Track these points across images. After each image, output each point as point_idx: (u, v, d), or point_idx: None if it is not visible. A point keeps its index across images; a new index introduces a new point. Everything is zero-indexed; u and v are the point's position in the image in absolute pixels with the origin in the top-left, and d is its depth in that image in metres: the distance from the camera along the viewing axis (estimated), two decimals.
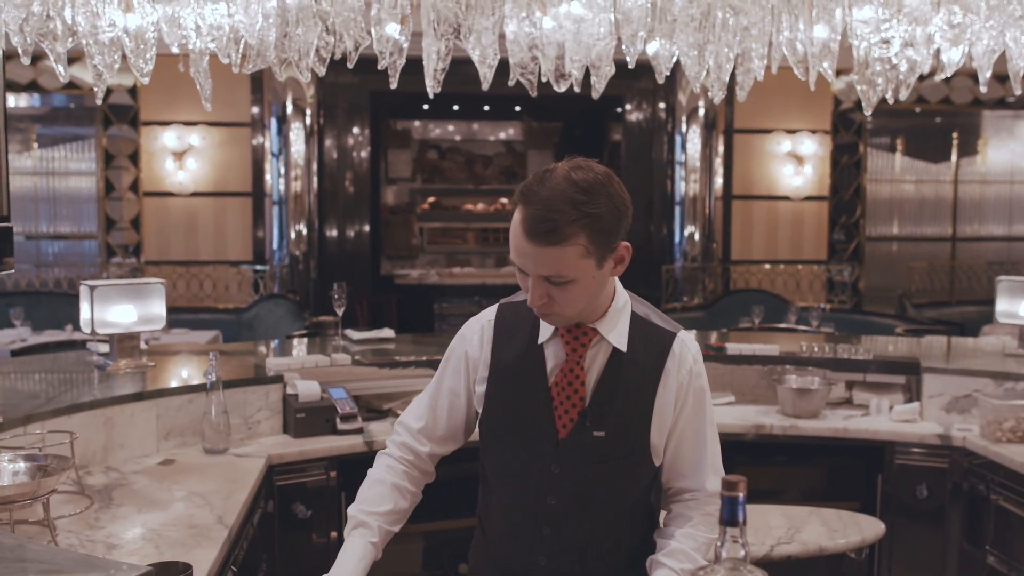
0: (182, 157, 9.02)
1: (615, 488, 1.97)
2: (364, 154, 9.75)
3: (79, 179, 9.19)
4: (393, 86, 3.96)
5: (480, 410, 2.07)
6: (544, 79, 4.11)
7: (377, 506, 2.11)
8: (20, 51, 3.30)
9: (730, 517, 1.34)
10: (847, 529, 3.16)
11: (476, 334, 2.07)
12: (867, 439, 4.04)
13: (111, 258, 9.09)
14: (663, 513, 2.12)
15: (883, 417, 4.16)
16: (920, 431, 4.01)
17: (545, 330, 1.97)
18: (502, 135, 13.70)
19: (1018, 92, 4.04)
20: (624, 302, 1.99)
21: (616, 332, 1.94)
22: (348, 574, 2.01)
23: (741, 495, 1.34)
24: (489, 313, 2.09)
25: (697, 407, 1.99)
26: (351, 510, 2.13)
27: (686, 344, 1.99)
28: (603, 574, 2.00)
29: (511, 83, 4.13)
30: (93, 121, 9.08)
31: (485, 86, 4.00)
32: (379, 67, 3.86)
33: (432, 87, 3.92)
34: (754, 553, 2.93)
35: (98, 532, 2.67)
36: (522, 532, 2.01)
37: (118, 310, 3.91)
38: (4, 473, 2.41)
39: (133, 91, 8.88)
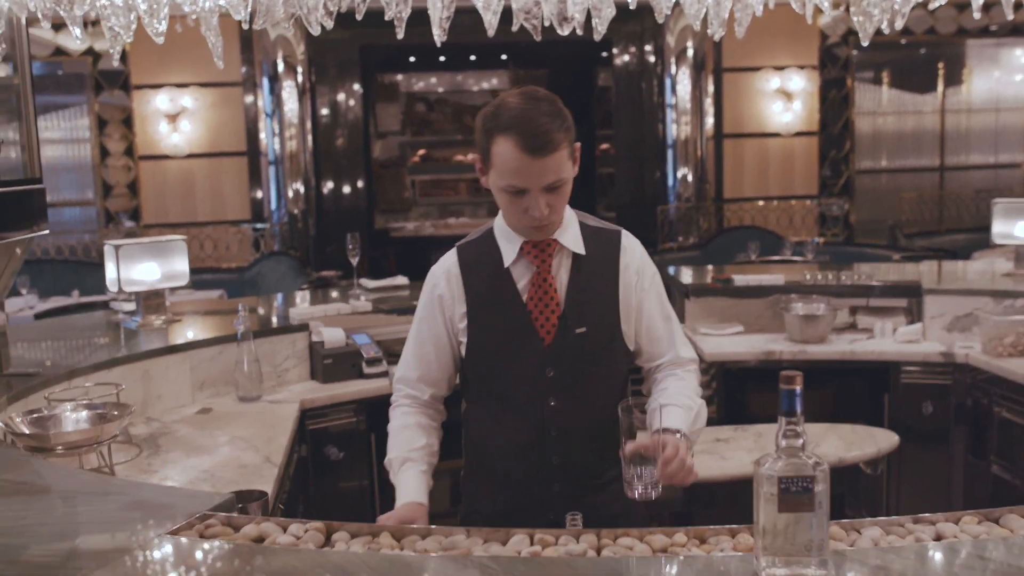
0: (175, 119, 9.03)
1: (603, 376, 2.17)
2: (356, 109, 9.78)
3: (73, 146, 9.20)
4: (399, 37, 4.01)
5: (464, 344, 2.21)
6: (547, 23, 4.17)
7: (412, 444, 2.25)
8: (40, 16, 3.35)
9: (788, 408, 1.46)
10: (863, 442, 3.32)
11: (442, 278, 2.22)
12: (873, 360, 4.20)
13: (109, 223, 9.13)
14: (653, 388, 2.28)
15: (888, 339, 4.31)
16: (924, 350, 4.16)
17: (508, 255, 2.16)
18: (487, 84, 13.71)
19: (1010, 17, 4.14)
20: (571, 213, 2.20)
21: (572, 239, 2.16)
22: (412, 496, 2.15)
23: (798, 388, 1.47)
24: (449, 257, 2.25)
25: (654, 290, 2.22)
26: (389, 457, 2.26)
27: (632, 239, 2.24)
28: (612, 459, 2.08)
29: (515, 28, 4.19)
30: (84, 88, 9.07)
31: (491, 33, 4.06)
32: (386, 18, 3.91)
33: (439, 36, 3.98)
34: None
35: (153, 476, 2.79)
36: (529, 443, 2.15)
37: (143, 268, 4.01)
38: (67, 421, 2.52)
39: (123, 55, 8.87)
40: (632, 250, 2.21)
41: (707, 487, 3.08)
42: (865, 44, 4.24)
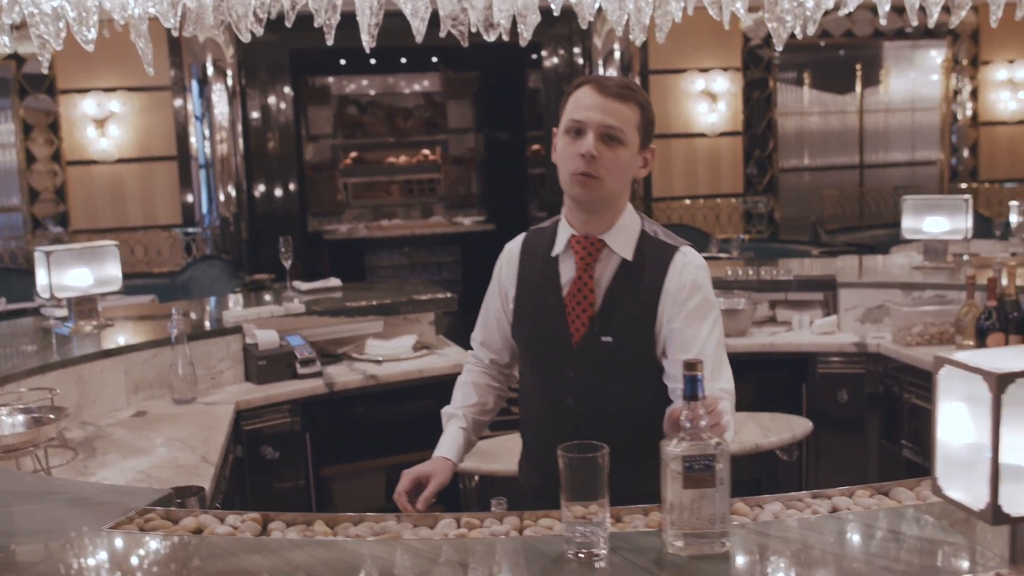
0: (103, 124, 8.94)
1: (626, 392, 2.14)
2: (287, 112, 9.78)
3: None
4: (329, 43, 4.08)
5: (511, 322, 2.33)
6: (474, 29, 4.28)
7: (464, 401, 2.43)
8: None
9: (691, 392, 1.58)
10: (779, 428, 3.48)
11: (504, 259, 2.36)
12: (791, 352, 4.38)
13: (36, 229, 9.01)
14: None
15: (805, 331, 4.50)
16: (839, 341, 4.36)
17: (560, 243, 2.19)
18: (418, 87, 13.76)
19: (914, 23, 4.34)
20: (633, 219, 2.19)
21: (623, 243, 2.14)
22: (442, 451, 2.31)
23: (700, 374, 1.59)
24: (518, 239, 2.36)
25: (700, 314, 2.10)
26: (444, 410, 2.42)
27: (688, 257, 2.15)
28: (623, 467, 2.06)
29: (442, 35, 4.29)
30: (7, 92, 8.94)
31: (419, 39, 4.15)
32: (316, 24, 3.99)
33: (368, 42, 4.06)
34: None
35: (90, 478, 2.83)
36: (550, 432, 2.16)
37: (74, 274, 4.02)
38: (3, 425, 2.56)
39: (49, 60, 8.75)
40: (683, 268, 2.12)
41: None
42: (779, 49, 4.42)
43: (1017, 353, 1.31)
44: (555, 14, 4.35)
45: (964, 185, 10.92)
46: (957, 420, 1.31)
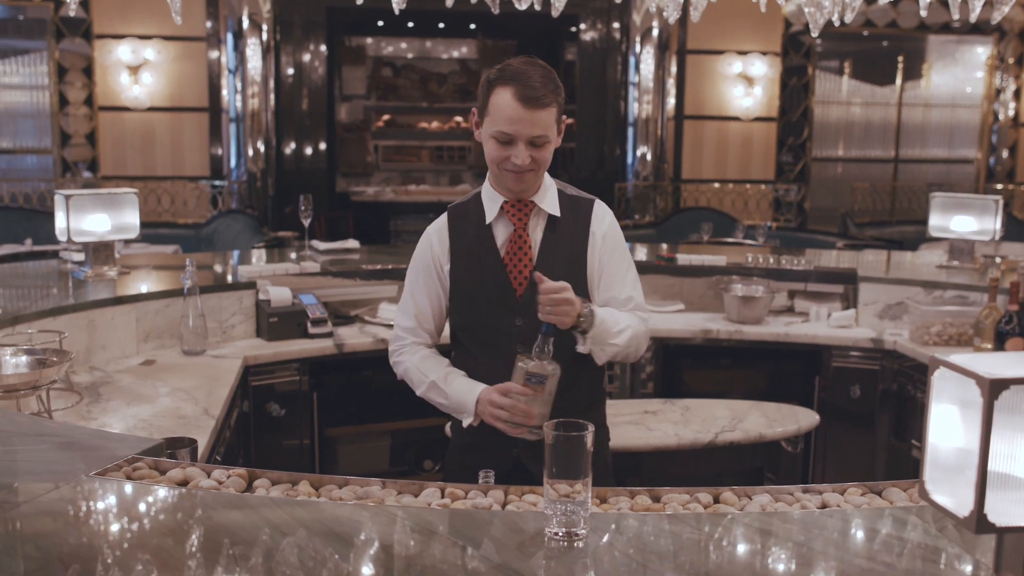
0: (137, 71, 8.97)
1: (567, 333, 2.33)
2: (320, 70, 9.76)
3: (32, 93, 9.11)
4: (360, 1, 4.06)
5: (449, 293, 2.49)
6: None
7: (442, 363, 2.52)
8: None
9: (547, 329, 2.16)
10: (785, 419, 3.45)
11: (434, 236, 2.50)
12: (806, 343, 4.33)
13: (67, 173, 9.07)
14: None
15: (821, 323, 4.44)
16: (855, 336, 4.30)
17: (490, 212, 2.41)
18: (456, 53, 13.69)
19: (956, 17, 4.26)
20: (550, 180, 2.45)
21: (548, 201, 2.42)
22: (478, 386, 2.40)
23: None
24: (441, 218, 2.52)
25: (621, 257, 2.46)
26: (430, 379, 2.48)
27: (604, 208, 2.48)
28: (573, 407, 2.25)
29: (474, 0, 4.25)
30: (44, 34, 8.98)
31: (449, 3, 4.12)
32: None
33: (398, 4, 4.03)
34: (699, 439, 3.20)
35: (92, 423, 2.85)
36: (498, 369, 2.36)
37: (93, 219, 4.03)
38: (7, 365, 2.57)
39: (86, 3, 8.78)
40: (602, 217, 2.45)
41: (633, 456, 3.19)
42: (815, 34, 4.35)
43: (1016, 359, 1.27)
44: None
45: (1000, 186, 10.76)
46: (949, 423, 1.28)
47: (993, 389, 1.19)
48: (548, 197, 2.42)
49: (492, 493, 1.76)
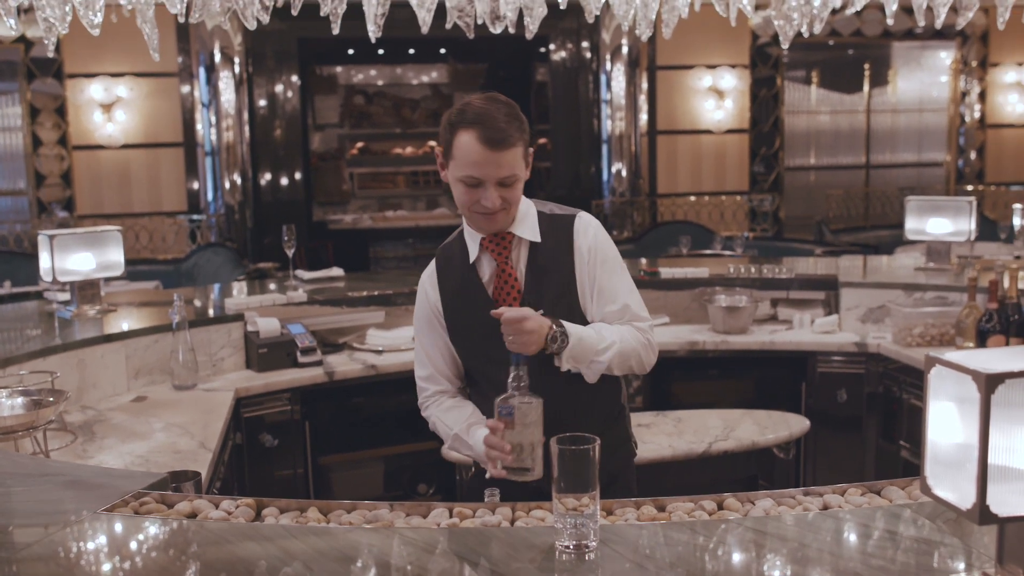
0: (110, 109, 8.96)
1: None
2: (294, 101, 9.79)
3: (4, 135, 9.08)
4: (335, 32, 4.09)
5: (448, 334, 2.45)
6: (480, 21, 4.28)
7: (465, 414, 2.45)
8: None
9: (517, 361, 2.04)
10: (776, 426, 3.49)
11: (427, 283, 2.48)
12: (791, 350, 4.38)
13: (42, 213, 9.03)
14: None
15: (805, 330, 4.50)
16: (839, 340, 4.36)
17: (472, 251, 2.37)
18: (427, 78, 13.76)
19: (922, 23, 4.34)
20: (527, 205, 2.39)
21: (527, 229, 2.35)
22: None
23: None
24: (431, 265, 2.50)
25: (609, 268, 2.36)
26: (453, 432, 2.43)
27: (584, 220, 2.39)
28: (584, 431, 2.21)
29: (448, 26, 4.29)
30: (15, 75, 8.96)
31: (425, 30, 4.16)
32: (322, 13, 3.99)
33: (374, 32, 4.07)
34: (694, 449, 3.23)
35: (88, 461, 2.84)
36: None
37: (77, 258, 4.03)
38: (3, 407, 2.57)
39: (56, 43, 8.76)
40: (585, 231, 2.36)
41: None
42: (785, 46, 4.42)
43: (1008, 354, 1.31)
44: (562, 7, 4.36)
45: (970, 187, 10.90)
46: (947, 420, 1.31)
47: (989, 384, 1.22)
48: (526, 224, 2.36)
49: (500, 510, 1.78)
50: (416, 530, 1.64)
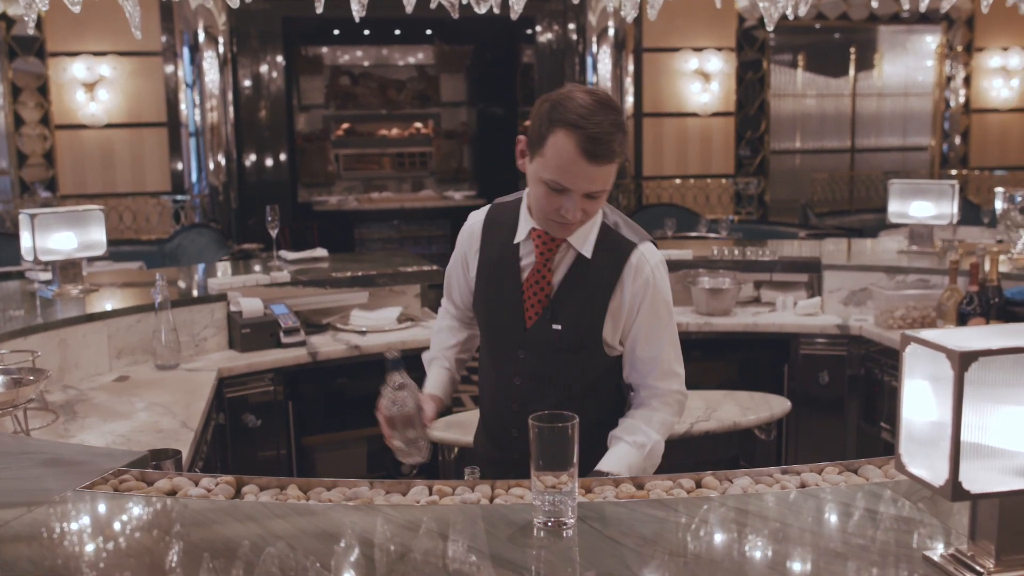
0: (93, 88, 8.89)
1: (570, 374, 2.22)
2: (279, 81, 9.73)
3: None
4: (319, 11, 4.08)
5: (473, 293, 2.39)
6: (464, 1, 4.27)
7: (443, 344, 2.52)
8: None
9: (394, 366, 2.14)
10: (758, 407, 3.51)
11: (468, 231, 2.38)
12: (774, 332, 4.40)
13: (25, 193, 8.97)
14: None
15: (788, 312, 4.52)
16: (821, 323, 4.38)
17: (521, 231, 2.21)
18: (413, 59, 13.70)
19: (905, 6, 4.34)
20: (597, 215, 2.19)
21: (582, 240, 2.16)
22: (429, 389, 2.39)
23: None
24: (482, 212, 2.37)
25: (652, 314, 2.18)
26: (425, 356, 2.53)
27: (644, 256, 2.18)
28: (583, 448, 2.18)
29: (433, 6, 4.28)
30: None
31: (409, 9, 4.15)
32: None
33: (358, 11, 4.06)
34: (676, 430, 3.24)
35: (70, 440, 2.84)
36: (498, 407, 2.35)
37: (59, 237, 4.01)
38: None
39: (38, 22, 8.68)
40: (641, 269, 2.16)
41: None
42: (770, 29, 4.43)
43: (983, 333, 1.32)
44: None
45: (954, 172, 10.95)
46: (921, 398, 1.32)
47: (963, 362, 1.24)
48: (582, 233, 2.15)
49: (479, 488, 1.79)
50: (397, 508, 1.64)
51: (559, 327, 2.17)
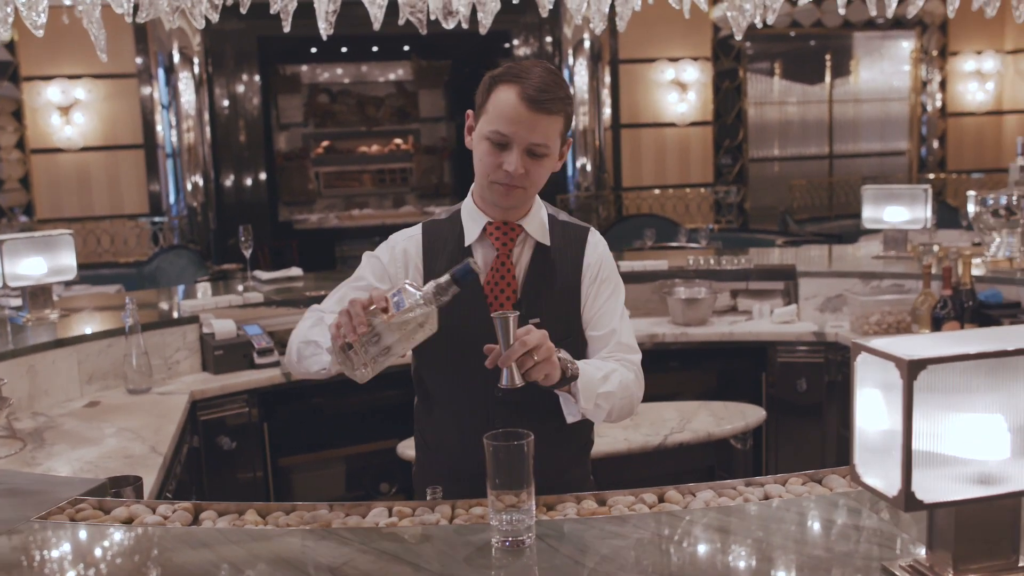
0: (68, 112, 8.86)
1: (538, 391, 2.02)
2: (255, 101, 9.72)
3: None
4: (286, 30, 4.05)
5: None
6: (433, 17, 4.26)
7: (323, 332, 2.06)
8: None
9: (463, 276, 1.78)
10: (732, 417, 3.50)
11: (406, 243, 2.18)
12: (751, 340, 4.39)
13: (2, 218, 8.92)
14: None
15: (765, 320, 4.51)
16: (798, 330, 4.37)
17: (471, 233, 2.14)
18: (391, 76, 13.71)
19: (873, 12, 4.36)
20: (540, 205, 2.21)
21: (538, 228, 2.16)
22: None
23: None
24: (414, 230, 2.21)
25: (609, 287, 2.19)
26: (297, 351, 2.12)
27: (596, 236, 2.24)
28: (553, 462, 2.07)
29: (401, 22, 4.27)
30: None
31: (376, 26, 4.13)
32: (272, 11, 3.96)
33: (325, 29, 4.04)
34: (649, 442, 3.23)
35: (36, 468, 2.80)
36: (473, 428, 1.93)
37: (28, 263, 3.98)
38: None
39: (11, 46, 8.66)
40: (596, 247, 2.20)
41: None
42: (739, 37, 4.43)
43: (934, 340, 1.31)
44: (515, 1, 4.34)
45: (932, 176, 11.00)
46: (873, 407, 1.31)
47: (911, 370, 1.22)
48: (537, 222, 2.16)
49: (439, 508, 1.77)
50: (354, 531, 1.62)
51: (537, 320, 2.01)
